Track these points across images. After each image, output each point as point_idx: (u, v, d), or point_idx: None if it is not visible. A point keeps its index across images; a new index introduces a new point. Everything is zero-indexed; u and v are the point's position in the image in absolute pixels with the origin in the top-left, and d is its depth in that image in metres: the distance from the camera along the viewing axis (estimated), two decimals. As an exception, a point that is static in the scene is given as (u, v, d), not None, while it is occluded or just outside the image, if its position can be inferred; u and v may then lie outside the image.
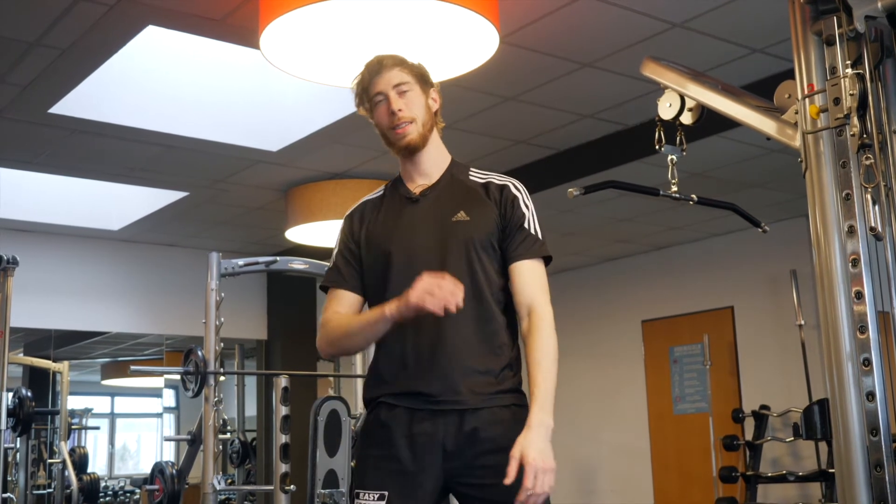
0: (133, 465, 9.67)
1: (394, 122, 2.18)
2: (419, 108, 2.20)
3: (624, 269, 7.89)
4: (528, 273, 2.17)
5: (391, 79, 2.19)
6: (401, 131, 2.19)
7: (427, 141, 2.23)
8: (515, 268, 2.18)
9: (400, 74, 2.20)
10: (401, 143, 2.20)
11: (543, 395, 2.03)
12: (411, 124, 2.19)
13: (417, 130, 2.20)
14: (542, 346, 2.09)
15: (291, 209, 6.02)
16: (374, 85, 2.20)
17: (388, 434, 2.11)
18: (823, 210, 2.25)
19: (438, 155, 2.27)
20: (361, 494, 2.10)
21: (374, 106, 2.22)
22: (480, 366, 2.11)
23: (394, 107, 2.17)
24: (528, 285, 2.16)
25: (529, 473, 1.92)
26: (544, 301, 2.15)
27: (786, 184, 5.76)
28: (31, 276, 6.40)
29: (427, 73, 2.26)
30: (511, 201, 2.21)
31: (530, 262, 2.18)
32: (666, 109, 2.93)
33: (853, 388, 2.15)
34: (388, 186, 2.32)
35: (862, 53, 2.23)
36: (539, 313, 2.13)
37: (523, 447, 1.95)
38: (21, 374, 7.72)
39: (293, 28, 3.21)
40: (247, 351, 8.46)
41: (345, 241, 2.29)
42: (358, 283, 2.24)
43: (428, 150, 2.24)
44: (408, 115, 2.18)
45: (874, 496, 2.12)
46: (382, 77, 2.20)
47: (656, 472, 7.43)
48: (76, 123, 4.80)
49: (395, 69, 2.20)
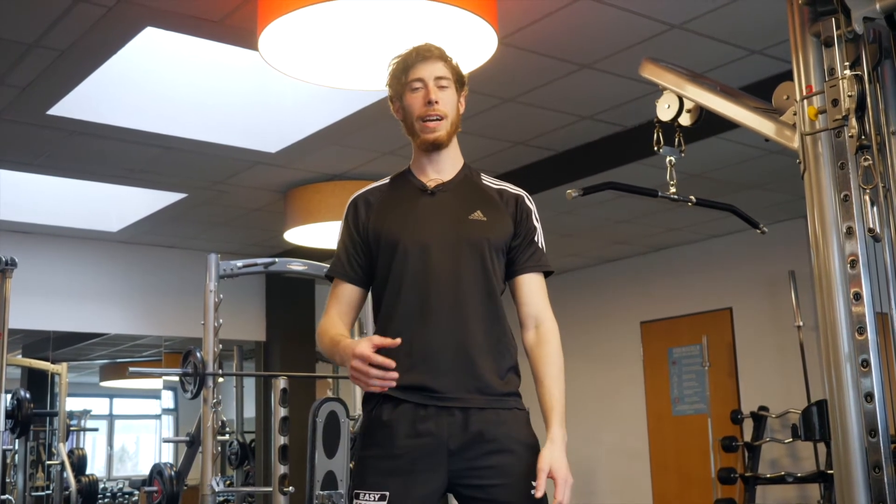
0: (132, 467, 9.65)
1: (427, 112, 2.17)
2: (452, 107, 2.20)
3: (623, 270, 7.89)
4: (535, 285, 2.21)
5: (435, 70, 2.18)
6: (432, 125, 2.18)
7: (451, 140, 2.23)
8: (523, 280, 2.21)
9: (443, 69, 2.19)
10: (429, 136, 2.19)
11: (561, 408, 2.12)
12: (442, 120, 2.19)
13: (446, 128, 2.20)
14: (555, 359, 2.16)
15: (290, 210, 6.02)
16: (417, 70, 2.18)
17: (389, 433, 2.09)
18: (822, 211, 2.25)
19: (455, 155, 2.28)
20: (361, 495, 2.08)
21: (407, 90, 2.20)
22: (489, 366, 2.11)
23: (432, 97, 2.16)
24: (536, 297, 2.20)
25: (560, 486, 2.01)
26: (551, 315, 2.21)
27: (784, 185, 5.77)
28: (30, 278, 6.39)
29: (463, 76, 2.26)
30: (525, 214, 2.24)
31: (537, 276, 2.22)
32: (664, 111, 2.93)
33: (852, 390, 2.16)
34: (395, 177, 2.31)
35: (860, 55, 2.24)
36: (548, 326, 2.18)
37: (551, 461, 2.03)
38: (20, 375, 7.71)
39: (292, 29, 3.22)
40: (245, 352, 8.45)
41: (349, 230, 2.26)
42: (361, 275, 2.23)
43: (448, 149, 2.24)
44: (442, 109, 2.18)
45: (873, 497, 2.12)
46: (427, 65, 2.18)
47: (655, 473, 7.43)
48: (75, 125, 4.80)
49: (440, 62, 2.20)
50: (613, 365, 7.84)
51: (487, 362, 2.11)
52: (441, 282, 2.11)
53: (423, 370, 2.09)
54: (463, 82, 2.25)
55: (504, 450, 2.06)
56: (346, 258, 2.25)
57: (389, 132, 4.90)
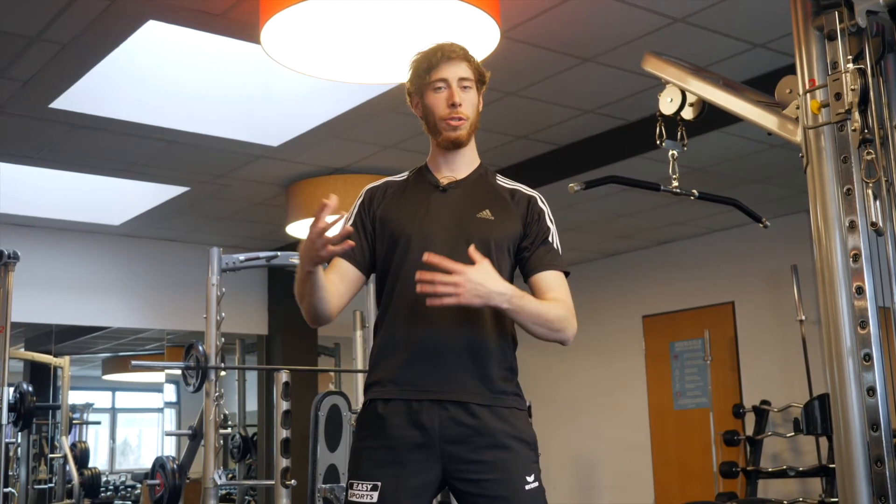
0: (134, 460, 9.68)
1: (451, 114, 2.18)
2: (473, 108, 2.21)
3: (625, 264, 7.89)
4: (554, 280, 2.19)
5: (459, 71, 2.18)
6: (455, 124, 2.19)
7: (470, 140, 2.24)
8: (541, 277, 2.19)
9: (467, 70, 2.19)
10: (451, 135, 2.20)
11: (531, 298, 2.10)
12: (464, 121, 2.19)
13: (467, 129, 2.21)
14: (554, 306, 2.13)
15: (292, 204, 6.02)
16: (441, 70, 2.18)
17: (383, 425, 2.10)
18: (824, 205, 2.25)
19: (472, 155, 2.28)
20: (355, 485, 2.09)
21: (429, 89, 2.20)
22: (485, 362, 2.11)
23: (456, 99, 2.17)
24: (554, 291, 2.17)
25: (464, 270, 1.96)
26: (570, 306, 2.17)
27: (787, 179, 5.76)
28: (32, 271, 6.40)
29: (485, 75, 2.26)
30: (537, 214, 2.22)
31: (555, 273, 2.20)
32: (667, 104, 2.93)
33: (854, 384, 2.16)
34: (414, 172, 2.32)
35: (863, 48, 2.23)
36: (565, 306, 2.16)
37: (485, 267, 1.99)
38: (22, 368, 7.73)
39: (294, 23, 3.21)
40: (248, 346, 8.47)
41: (359, 213, 2.27)
42: (360, 257, 2.22)
43: (467, 148, 2.25)
44: (465, 111, 2.19)
45: (874, 491, 2.12)
46: (451, 65, 2.18)
47: (657, 467, 7.44)
48: (77, 118, 4.80)
49: (464, 63, 2.20)
50: (615, 359, 7.85)
51: (484, 358, 2.10)
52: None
53: (419, 364, 2.09)
54: (484, 81, 2.25)
55: (498, 445, 2.06)
56: None
57: (391, 126, 4.91)
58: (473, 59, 2.23)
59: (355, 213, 2.28)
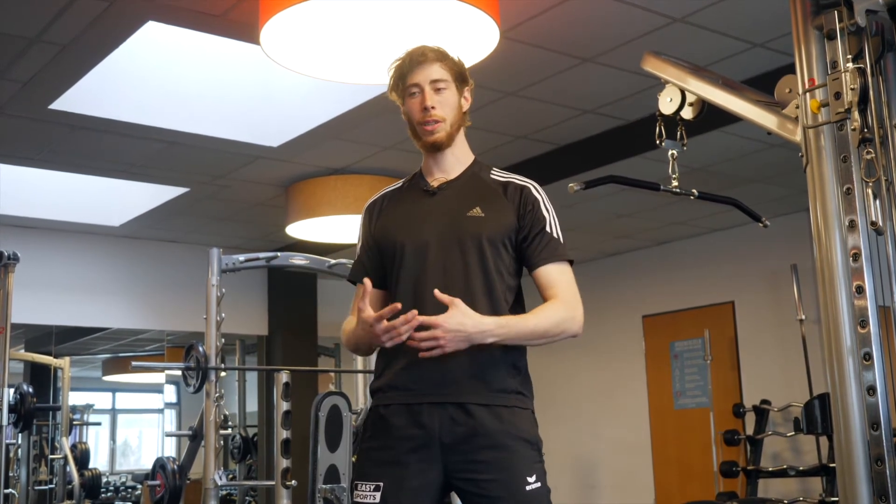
0: (134, 461, 9.69)
1: (424, 118, 2.19)
2: (451, 108, 2.21)
3: (624, 264, 7.89)
4: (553, 274, 2.18)
5: (430, 73, 2.19)
6: (430, 128, 2.20)
7: (453, 140, 2.24)
8: (540, 272, 2.18)
9: (440, 71, 2.20)
10: (428, 140, 2.22)
11: (515, 320, 2.08)
12: (440, 123, 2.20)
13: (445, 130, 2.21)
14: (551, 309, 2.12)
15: (292, 205, 6.02)
16: (413, 75, 2.20)
17: (386, 426, 2.12)
18: (824, 205, 2.25)
19: (462, 153, 2.29)
20: (359, 486, 2.12)
21: (407, 96, 2.22)
22: (487, 362, 2.11)
23: (427, 103, 2.18)
24: (556, 286, 2.16)
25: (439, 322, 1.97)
26: (576, 300, 2.16)
27: (786, 178, 5.76)
28: (32, 272, 6.39)
29: (465, 72, 2.26)
30: (532, 204, 2.21)
31: (556, 266, 2.19)
32: (667, 104, 2.93)
33: (854, 383, 2.15)
34: (409, 179, 2.34)
35: (863, 48, 2.23)
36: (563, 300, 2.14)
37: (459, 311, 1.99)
38: (22, 370, 7.72)
39: (293, 23, 3.21)
40: (248, 346, 8.47)
41: (364, 234, 2.32)
42: (377, 277, 2.23)
43: (452, 148, 2.26)
44: (439, 114, 2.19)
45: (875, 490, 2.12)
46: (423, 70, 2.19)
47: (657, 466, 7.44)
48: (77, 119, 4.80)
49: (436, 64, 2.20)
50: (615, 359, 7.85)
51: (482, 357, 2.10)
52: (437, 280, 2.12)
53: (418, 368, 2.09)
54: (464, 79, 2.25)
55: (498, 445, 2.06)
56: (363, 262, 2.30)
57: (391, 126, 4.91)
58: (449, 58, 2.23)
59: (361, 235, 2.33)
